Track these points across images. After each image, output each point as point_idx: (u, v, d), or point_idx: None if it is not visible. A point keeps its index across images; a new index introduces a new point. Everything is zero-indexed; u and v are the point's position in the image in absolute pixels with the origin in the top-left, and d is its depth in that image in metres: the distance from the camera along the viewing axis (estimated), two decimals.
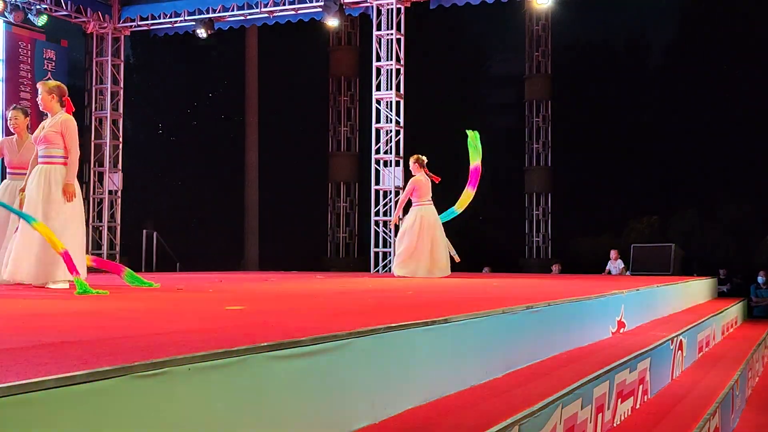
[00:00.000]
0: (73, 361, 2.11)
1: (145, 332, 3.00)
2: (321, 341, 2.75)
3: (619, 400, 4.35)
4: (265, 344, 2.50)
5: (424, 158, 11.23)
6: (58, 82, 6.87)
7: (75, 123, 6.64)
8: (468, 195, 11.80)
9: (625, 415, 4.45)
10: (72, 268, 5.88)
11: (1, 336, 2.89)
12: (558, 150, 20.07)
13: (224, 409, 2.31)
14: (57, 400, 1.84)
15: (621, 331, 6.32)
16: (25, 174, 6.76)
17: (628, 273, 15.50)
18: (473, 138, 11.77)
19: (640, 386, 4.84)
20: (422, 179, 11.05)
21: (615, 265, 16.33)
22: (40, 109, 6.73)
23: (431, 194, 11.14)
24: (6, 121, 7.87)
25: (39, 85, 6.74)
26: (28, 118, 7.42)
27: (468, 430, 2.93)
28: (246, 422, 2.39)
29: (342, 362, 2.85)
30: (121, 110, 16.39)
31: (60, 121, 6.52)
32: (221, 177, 19.00)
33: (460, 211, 11.64)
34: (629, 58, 19.15)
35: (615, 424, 4.25)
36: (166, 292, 6.31)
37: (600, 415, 3.98)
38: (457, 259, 11.08)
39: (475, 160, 11.76)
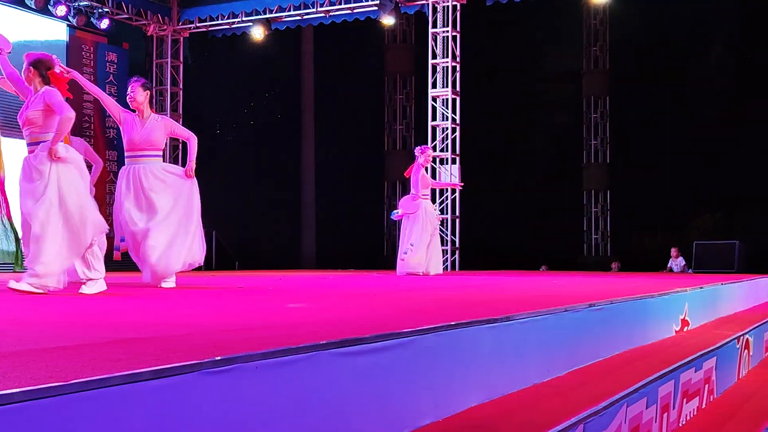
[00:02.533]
0: (145, 357, 2.15)
1: (211, 329, 3.05)
2: (384, 339, 2.75)
3: (685, 400, 4.28)
4: (330, 341, 2.51)
5: None
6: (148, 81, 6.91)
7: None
8: None
9: (691, 415, 4.38)
10: None
11: (79, 331, 2.96)
12: (616, 146, 19.80)
13: (290, 406, 2.33)
14: (129, 396, 1.87)
15: (685, 329, 6.22)
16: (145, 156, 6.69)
17: (690, 271, 15.24)
18: None
19: (706, 386, 4.76)
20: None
21: (676, 262, 16.07)
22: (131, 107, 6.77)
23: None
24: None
25: (131, 82, 6.77)
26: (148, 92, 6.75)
27: (532, 429, 2.91)
28: (311, 418, 2.41)
29: (405, 359, 2.85)
30: (180, 111, 16.64)
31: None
32: (278, 176, 19.16)
33: None
34: (689, 52, 18.80)
35: (680, 424, 4.18)
36: (228, 290, 6.39)
37: (665, 414, 3.92)
38: None
39: None
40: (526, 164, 18.83)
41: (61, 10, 14.05)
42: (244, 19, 15.84)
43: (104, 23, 14.81)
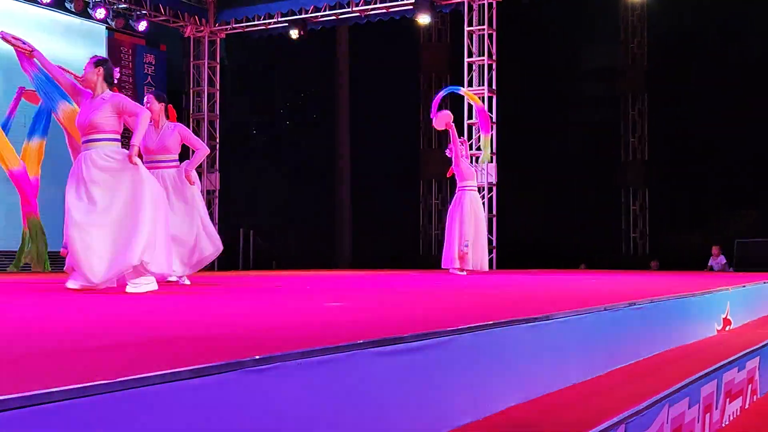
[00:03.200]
0: (186, 356, 2.16)
1: (251, 328, 3.06)
2: (423, 338, 2.75)
3: (728, 400, 4.22)
4: (369, 340, 2.51)
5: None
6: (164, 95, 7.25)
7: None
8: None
9: (734, 416, 4.32)
10: None
11: (119, 332, 2.99)
12: (655, 143, 19.58)
13: (329, 405, 2.33)
14: (170, 395, 1.88)
15: (727, 328, 6.13)
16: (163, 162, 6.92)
17: (731, 269, 15.03)
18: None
19: (749, 386, 4.68)
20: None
21: (717, 261, 15.86)
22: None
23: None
24: None
25: (147, 96, 7.05)
26: (162, 104, 7.13)
27: (572, 429, 2.89)
28: (351, 417, 2.41)
29: (444, 359, 2.84)
30: (217, 111, 16.76)
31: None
32: (314, 176, 19.22)
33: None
34: (729, 47, 18.54)
35: (723, 425, 4.12)
36: (265, 289, 6.43)
37: (708, 414, 3.87)
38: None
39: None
40: (563, 162, 18.68)
41: (100, 12, 14.22)
42: (279, 19, 15.91)
43: (142, 25, 14.96)
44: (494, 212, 14.41)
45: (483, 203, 14.25)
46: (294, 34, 15.71)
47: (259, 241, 16.88)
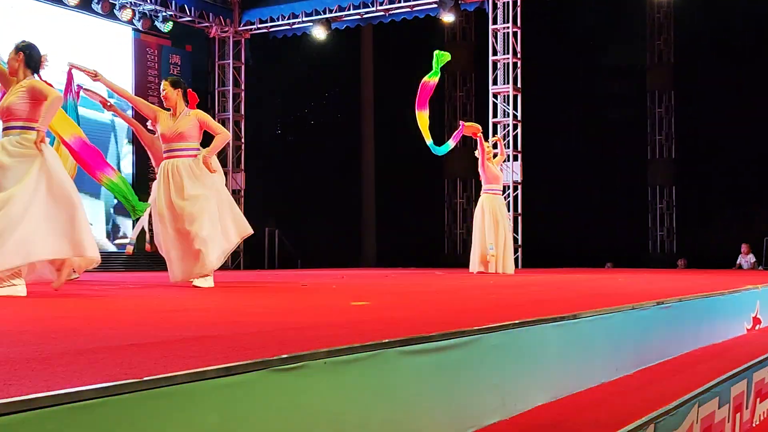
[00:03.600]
0: (214, 355, 2.17)
1: (277, 327, 3.07)
2: (450, 337, 2.74)
3: (758, 400, 4.17)
4: (396, 339, 2.51)
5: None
6: (179, 78, 7.06)
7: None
8: (422, 118, 10.75)
9: (764, 416, 4.27)
10: None
11: (149, 329, 3.01)
12: (682, 141, 19.43)
13: (357, 403, 2.33)
14: (198, 393, 1.89)
15: (757, 327, 6.07)
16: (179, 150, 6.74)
17: (760, 267, 14.88)
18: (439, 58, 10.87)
19: None
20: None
21: (746, 259, 15.70)
22: (164, 105, 6.86)
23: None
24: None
25: (162, 82, 6.93)
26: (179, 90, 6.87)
27: (601, 428, 2.87)
28: (378, 416, 2.41)
29: (471, 358, 2.84)
30: (242, 111, 16.83)
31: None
32: (338, 175, 19.23)
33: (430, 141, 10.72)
34: (757, 44, 18.34)
35: (754, 425, 4.08)
36: (291, 288, 6.44)
37: (738, 414, 3.83)
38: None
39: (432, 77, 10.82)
40: (589, 160, 18.58)
41: (127, 14, 14.32)
42: (304, 19, 15.94)
43: (168, 26, 15.05)
44: (519, 211, 14.36)
45: (507, 202, 14.24)
46: (318, 33, 15.73)
47: (284, 240, 16.93)
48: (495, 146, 11.55)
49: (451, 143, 10.81)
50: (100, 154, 6.42)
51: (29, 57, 5.55)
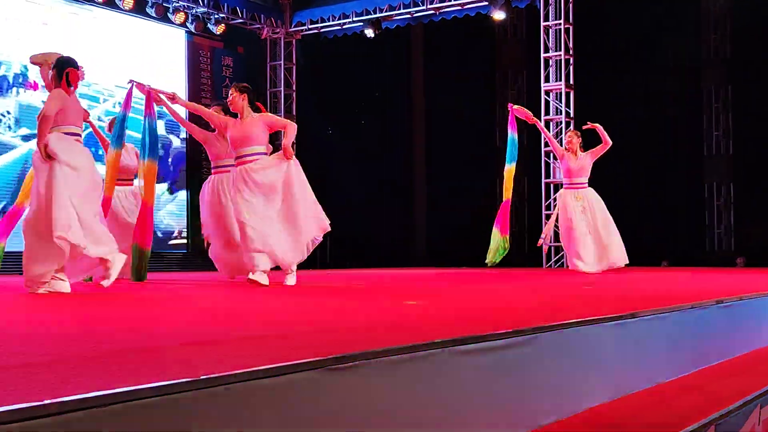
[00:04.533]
0: (269, 354, 2.18)
1: (332, 326, 3.07)
2: (506, 336, 2.71)
3: None
4: (450, 339, 2.49)
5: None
6: (247, 84, 7.12)
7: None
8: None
9: None
10: None
11: (206, 328, 3.04)
12: (739, 137, 19.03)
13: (411, 403, 2.32)
14: (254, 392, 1.89)
15: None
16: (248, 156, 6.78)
17: None
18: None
19: None
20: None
21: None
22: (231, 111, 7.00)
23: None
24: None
25: (231, 87, 7.04)
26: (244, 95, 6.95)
27: (661, 429, 2.82)
28: (432, 416, 2.40)
29: (527, 358, 2.80)
30: (294, 112, 16.93)
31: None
32: (389, 174, 19.23)
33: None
34: None
35: None
36: (345, 288, 6.45)
37: None
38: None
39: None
40: (643, 157, 18.29)
41: (180, 17, 14.49)
42: (354, 19, 15.97)
43: (220, 29, 15.20)
44: None
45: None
46: (369, 33, 15.76)
47: (335, 240, 16.98)
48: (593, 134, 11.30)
49: (513, 135, 10.51)
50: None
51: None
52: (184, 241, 14.88)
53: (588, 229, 10.01)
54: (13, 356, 2.19)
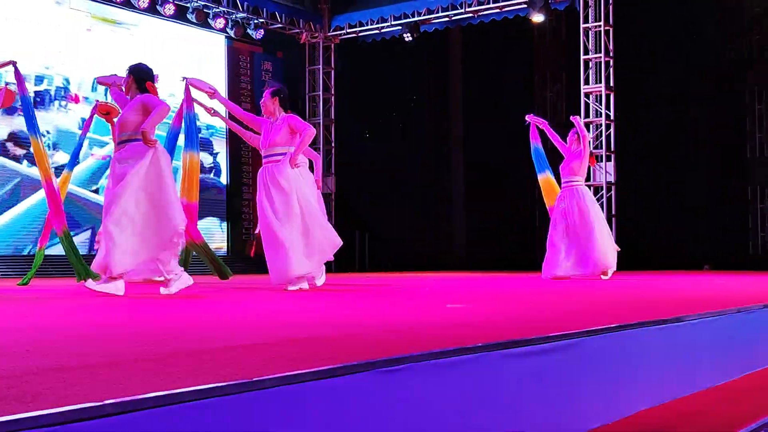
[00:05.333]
0: (319, 356, 2.20)
1: (378, 329, 3.09)
2: (551, 340, 2.71)
3: None
4: (498, 342, 2.50)
5: None
6: (280, 85, 7.23)
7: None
8: None
9: None
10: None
11: (253, 330, 3.07)
12: None
13: (458, 406, 2.33)
14: (306, 394, 1.91)
15: None
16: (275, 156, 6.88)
17: None
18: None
19: None
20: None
21: None
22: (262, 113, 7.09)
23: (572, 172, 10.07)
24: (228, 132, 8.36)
25: (264, 88, 7.15)
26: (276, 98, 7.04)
27: None
28: (479, 419, 2.40)
29: (572, 361, 2.80)
30: (332, 116, 17.00)
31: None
32: (427, 178, 19.24)
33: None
34: None
35: None
36: (387, 291, 6.47)
37: None
38: None
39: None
40: (685, 159, 18.10)
41: (220, 22, 14.63)
42: (392, 23, 16.00)
43: (259, 33, 15.33)
44: (613, 212, 14.11)
45: (601, 203, 14.00)
46: (408, 36, 15.77)
47: (375, 243, 17.02)
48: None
49: (537, 145, 10.52)
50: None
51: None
52: (224, 244, 15.02)
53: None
54: (73, 357, 2.24)
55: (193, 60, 14.26)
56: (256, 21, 15.21)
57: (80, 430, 1.49)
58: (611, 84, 14.14)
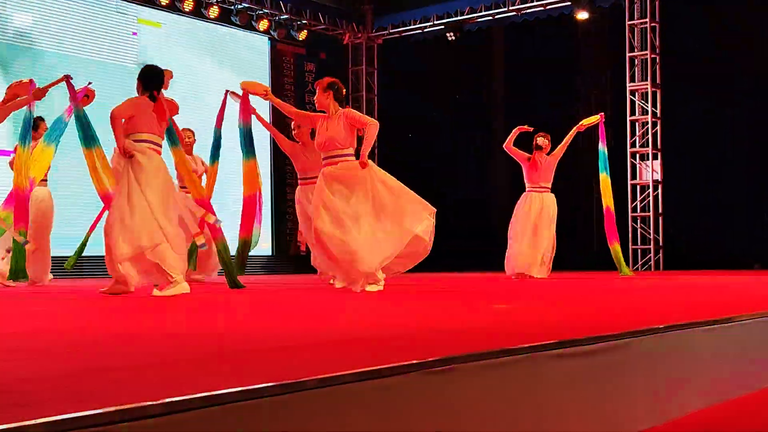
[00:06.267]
0: (367, 357, 2.20)
1: (423, 329, 3.07)
2: (601, 341, 2.68)
3: None
4: (547, 343, 2.47)
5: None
6: (332, 79, 6.84)
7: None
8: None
9: None
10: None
11: (297, 332, 3.08)
12: None
13: (506, 406, 2.31)
14: (354, 394, 1.91)
15: None
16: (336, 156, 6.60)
17: None
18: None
19: None
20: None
21: None
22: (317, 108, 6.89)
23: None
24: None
25: (316, 84, 6.90)
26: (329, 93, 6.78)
27: None
28: (527, 420, 2.38)
29: (622, 362, 2.76)
30: (376, 117, 17.02)
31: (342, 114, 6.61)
32: (472, 177, 19.16)
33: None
34: None
35: None
36: (431, 290, 6.45)
37: None
38: None
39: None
40: (732, 157, 17.80)
41: (263, 24, 14.73)
42: (435, 22, 15.97)
43: (302, 35, 15.40)
44: (660, 210, 13.93)
45: (647, 202, 13.83)
46: (451, 36, 15.73)
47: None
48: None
49: (603, 149, 10.80)
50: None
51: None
52: (268, 244, 15.11)
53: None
54: (118, 357, 2.27)
55: (236, 62, 14.37)
56: (299, 22, 15.28)
57: (131, 430, 1.50)
58: (657, 81, 13.96)
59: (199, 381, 1.82)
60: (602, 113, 10.70)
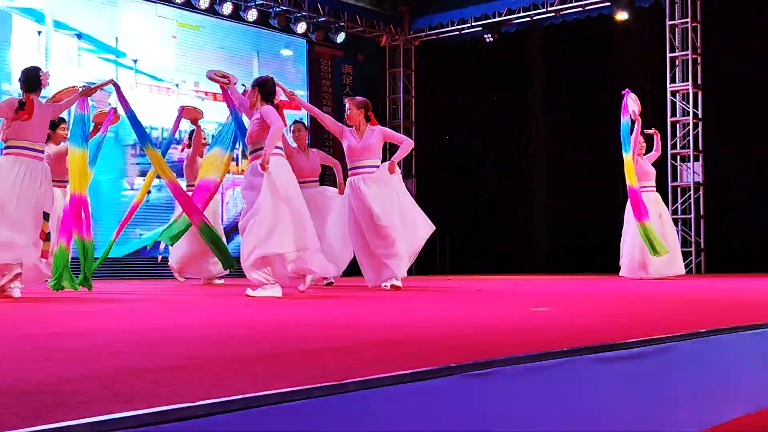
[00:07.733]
0: (408, 359, 2.19)
1: (461, 332, 3.06)
2: (643, 344, 2.64)
3: None
4: (587, 346, 2.45)
5: None
6: (364, 98, 7.40)
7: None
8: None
9: None
10: None
11: (337, 332, 3.08)
12: None
13: (548, 411, 2.29)
14: (396, 396, 1.91)
15: None
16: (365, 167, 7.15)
17: None
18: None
19: None
20: None
21: None
22: (347, 123, 7.23)
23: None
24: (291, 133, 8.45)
25: (346, 101, 7.28)
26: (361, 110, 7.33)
27: None
28: (567, 425, 2.36)
29: (664, 366, 2.72)
30: (413, 118, 17.01)
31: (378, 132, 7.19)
32: (508, 179, 19.06)
33: None
34: None
35: None
36: (468, 293, 6.43)
37: None
38: None
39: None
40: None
41: (302, 27, 14.78)
42: (473, 24, 15.92)
43: (340, 37, 15.43)
44: (701, 213, 13.76)
45: (688, 204, 13.66)
46: (488, 37, 15.66)
47: (452, 244, 16.95)
48: (651, 140, 11.43)
49: (625, 120, 10.89)
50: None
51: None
52: None
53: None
54: (162, 358, 2.28)
55: (275, 64, 14.45)
56: (336, 24, 15.32)
57: (174, 430, 1.51)
58: (699, 82, 13.78)
59: (239, 382, 1.83)
60: (627, 89, 10.86)
